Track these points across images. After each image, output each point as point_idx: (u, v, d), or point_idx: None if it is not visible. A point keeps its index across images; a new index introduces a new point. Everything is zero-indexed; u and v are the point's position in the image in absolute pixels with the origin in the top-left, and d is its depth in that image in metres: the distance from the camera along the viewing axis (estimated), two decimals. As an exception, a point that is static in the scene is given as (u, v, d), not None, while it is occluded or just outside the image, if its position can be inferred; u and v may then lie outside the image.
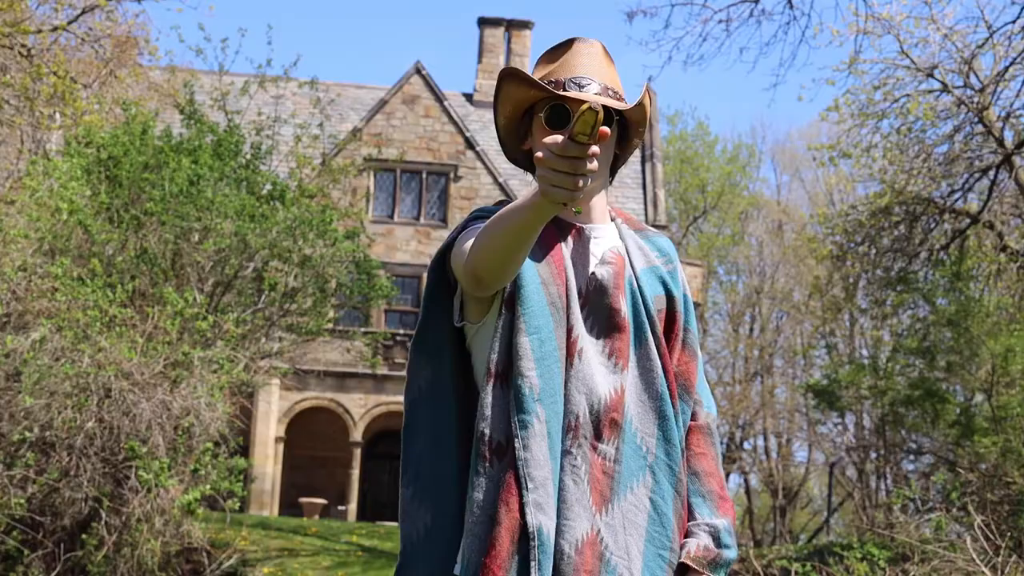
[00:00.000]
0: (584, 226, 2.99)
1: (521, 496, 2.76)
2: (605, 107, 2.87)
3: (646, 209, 34.52)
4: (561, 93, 2.90)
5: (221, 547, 14.97)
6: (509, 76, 2.94)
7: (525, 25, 37.75)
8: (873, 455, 34.07)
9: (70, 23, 20.13)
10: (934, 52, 18.93)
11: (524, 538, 2.75)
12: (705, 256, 43.13)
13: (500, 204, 2.97)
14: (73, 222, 15.05)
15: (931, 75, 18.91)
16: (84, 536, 12.70)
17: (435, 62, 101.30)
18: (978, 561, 10.22)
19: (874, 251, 20.58)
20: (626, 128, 3.00)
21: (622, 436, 2.86)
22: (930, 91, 19.11)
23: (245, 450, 27.44)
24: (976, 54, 18.62)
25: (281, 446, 32.68)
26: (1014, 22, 17.94)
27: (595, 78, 2.94)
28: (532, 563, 2.73)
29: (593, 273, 2.93)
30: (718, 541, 2.91)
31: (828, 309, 32.11)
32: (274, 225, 17.24)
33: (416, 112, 35.17)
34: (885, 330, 29.06)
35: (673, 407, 2.91)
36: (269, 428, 32.23)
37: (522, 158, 3.05)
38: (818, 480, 45.03)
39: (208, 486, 12.78)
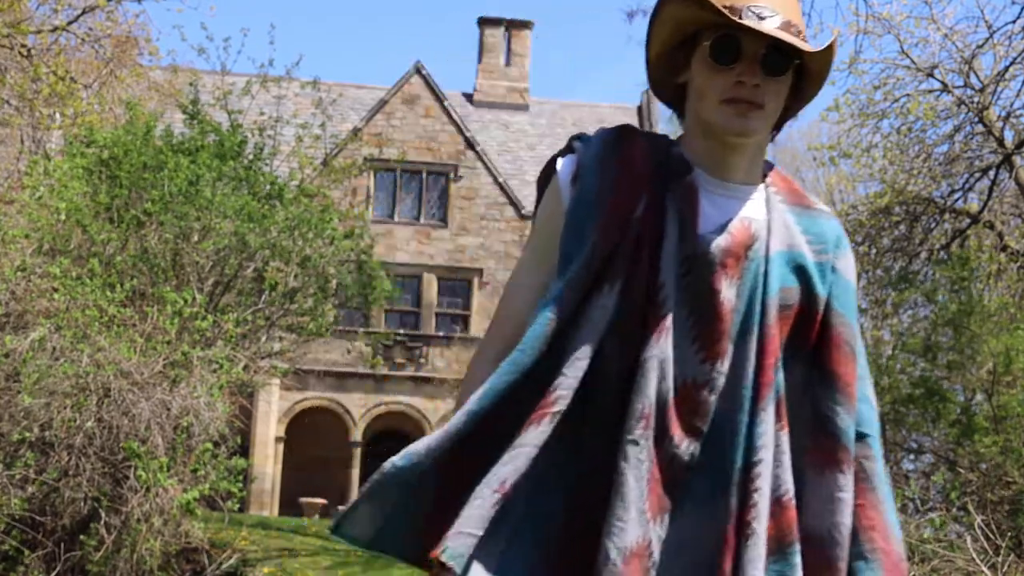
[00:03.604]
0: (712, 179, 2.46)
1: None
2: (783, 46, 2.41)
3: (646, 209, 34.52)
4: (737, 21, 2.38)
5: (221, 547, 14.95)
6: None
7: (525, 25, 37.75)
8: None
9: (70, 23, 20.15)
10: (934, 52, 18.95)
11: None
12: (705, 256, 43.14)
13: (619, 132, 2.51)
14: (72, 222, 15.06)
15: (931, 75, 18.90)
16: (83, 536, 12.70)
17: (435, 62, 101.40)
18: (978, 561, 10.21)
19: (874, 251, 20.57)
20: (803, 76, 2.49)
21: (703, 441, 2.39)
22: (930, 91, 19.10)
23: (245, 450, 27.43)
24: (976, 54, 18.62)
25: (281, 446, 32.69)
26: (1014, 22, 17.95)
27: (778, 10, 2.42)
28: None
29: (701, 240, 2.40)
30: None
31: (828, 309, 32.04)
32: (273, 224, 17.25)
33: (416, 112, 35.15)
34: (886, 330, 29.06)
35: (753, 420, 2.38)
36: (269, 428, 32.23)
37: (671, 93, 2.54)
38: (818, 480, 45.02)
39: (207, 486, 12.78)
